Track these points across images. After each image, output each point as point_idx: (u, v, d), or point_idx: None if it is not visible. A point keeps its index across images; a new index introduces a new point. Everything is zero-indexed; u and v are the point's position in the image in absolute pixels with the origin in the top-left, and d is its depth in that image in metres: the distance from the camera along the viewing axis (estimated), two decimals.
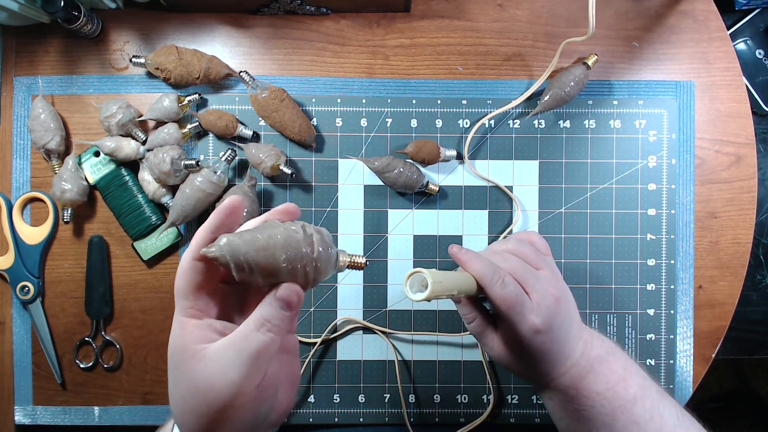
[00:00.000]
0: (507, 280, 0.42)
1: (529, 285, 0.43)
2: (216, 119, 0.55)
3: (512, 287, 0.42)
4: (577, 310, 0.46)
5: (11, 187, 0.58)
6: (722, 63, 0.58)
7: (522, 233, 0.48)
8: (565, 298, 0.44)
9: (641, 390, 0.42)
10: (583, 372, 0.43)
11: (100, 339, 0.58)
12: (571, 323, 0.44)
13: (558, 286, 0.44)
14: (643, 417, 0.42)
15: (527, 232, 0.48)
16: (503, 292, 0.41)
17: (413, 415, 0.58)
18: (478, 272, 0.42)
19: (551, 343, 0.42)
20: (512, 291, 0.41)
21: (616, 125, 0.58)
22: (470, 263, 0.43)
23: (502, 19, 0.59)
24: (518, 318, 0.42)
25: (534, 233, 0.48)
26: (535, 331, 0.42)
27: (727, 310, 0.59)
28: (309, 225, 0.33)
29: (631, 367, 0.44)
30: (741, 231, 0.58)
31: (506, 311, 0.42)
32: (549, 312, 0.42)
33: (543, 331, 0.42)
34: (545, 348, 0.43)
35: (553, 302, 0.42)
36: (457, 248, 0.45)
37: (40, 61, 0.58)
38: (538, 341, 0.42)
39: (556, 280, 0.44)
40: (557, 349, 0.43)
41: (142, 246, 0.57)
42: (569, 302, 0.45)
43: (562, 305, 0.43)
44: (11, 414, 0.58)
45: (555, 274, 0.45)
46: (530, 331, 0.42)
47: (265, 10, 0.57)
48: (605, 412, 0.42)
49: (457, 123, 0.58)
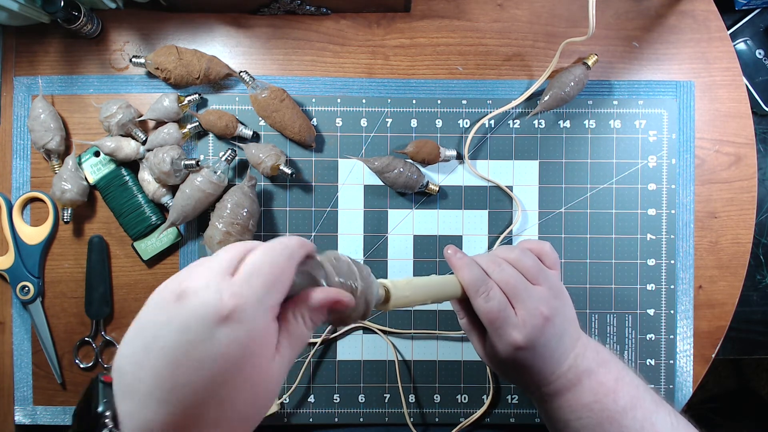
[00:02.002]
0: (492, 294, 0.42)
1: (519, 300, 0.42)
2: (216, 119, 0.55)
3: (496, 302, 0.41)
4: (576, 323, 0.45)
5: (11, 187, 0.58)
6: (722, 63, 0.58)
7: (535, 242, 0.47)
8: (558, 316, 0.43)
9: (633, 401, 0.42)
10: (569, 384, 0.43)
11: (100, 339, 0.58)
12: (561, 340, 0.43)
13: (551, 305, 0.42)
14: (632, 428, 0.41)
15: (541, 242, 0.46)
16: (486, 305, 0.42)
17: (413, 415, 0.58)
18: (466, 281, 0.42)
19: (533, 360, 0.42)
20: (495, 306, 0.41)
21: (616, 125, 0.58)
22: (461, 270, 0.43)
23: (502, 19, 0.59)
24: (499, 332, 0.42)
25: (548, 244, 0.46)
26: (515, 348, 0.42)
27: (727, 310, 0.59)
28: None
29: (624, 377, 0.43)
30: (741, 231, 0.58)
31: (487, 324, 0.42)
32: (534, 330, 0.41)
33: (525, 348, 0.41)
34: (527, 363, 0.42)
35: (540, 321, 0.41)
36: (452, 251, 0.44)
37: (40, 61, 0.58)
38: (519, 356, 0.42)
39: (552, 297, 0.43)
40: (540, 365, 0.42)
41: (142, 246, 0.57)
42: (564, 319, 0.43)
43: (551, 324, 0.42)
44: (11, 414, 0.58)
45: (553, 290, 0.43)
46: (510, 346, 0.42)
47: (265, 10, 0.57)
48: (592, 424, 0.42)
49: (457, 123, 0.58)
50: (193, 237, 0.58)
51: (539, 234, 0.58)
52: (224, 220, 0.52)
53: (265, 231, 0.58)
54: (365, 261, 0.58)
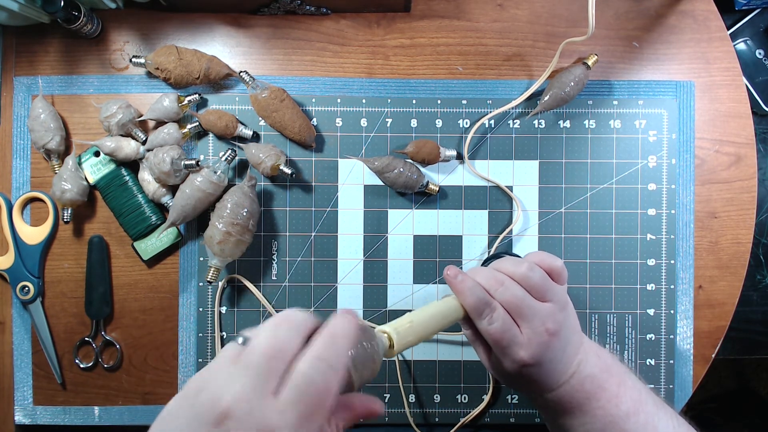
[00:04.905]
0: (495, 316, 0.41)
1: (524, 319, 0.42)
2: (216, 119, 0.55)
3: (500, 323, 0.41)
4: (578, 330, 0.44)
5: (11, 187, 0.58)
6: (722, 63, 0.58)
7: (546, 256, 0.45)
8: (563, 329, 0.42)
9: (635, 405, 0.42)
10: (572, 391, 0.43)
11: (100, 339, 0.58)
12: (565, 350, 0.43)
13: (557, 319, 0.42)
14: None
15: (552, 257, 0.44)
16: (490, 328, 0.41)
17: (413, 415, 0.58)
18: (468, 305, 0.42)
19: (539, 375, 0.42)
20: (499, 327, 0.41)
21: (616, 125, 0.58)
22: (462, 295, 0.42)
23: (502, 19, 0.59)
24: (505, 352, 0.42)
25: (559, 261, 0.44)
26: (522, 365, 0.42)
27: (727, 310, 0.59)
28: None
29: (626, 382, 0.43)
30: (741, 231, 0.58)
31: (493, 345, 0.42)
32: (540, 348, 0.41)
33: (531, 365, 0.41)
34: (533, 378, 0.42)
35: (546, 338, 0.41)
36: (452, 272, 0.43)
37: (40, 61, 0.58)
38: (524, 372, 0.42)
39: (558, 311, 0.42)
40: (546, 377, 0.43)
41: (142, 246, 0.57)
42: (569, 330, 0.43)
43: (556, 339, 0.42)
44: (11, 414, 0.58)
45: (559, 305, 0.43)
46: (516, 364, 0.42)
47: (265, 10, 0.57)
48: (594, 429, 0.42)
49: (457, 123, 0.58)
50: (193, 237, 0.58)
51: (539, 234, 0.58)
52: (224, 220, 0.52)
53: (265, 231, 0.58)
54: (365, 261, 0.58)
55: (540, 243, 0.58)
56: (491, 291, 0.42)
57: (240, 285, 0.58)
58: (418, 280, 0.58)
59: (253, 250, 0.58)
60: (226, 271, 0.58)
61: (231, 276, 0.58)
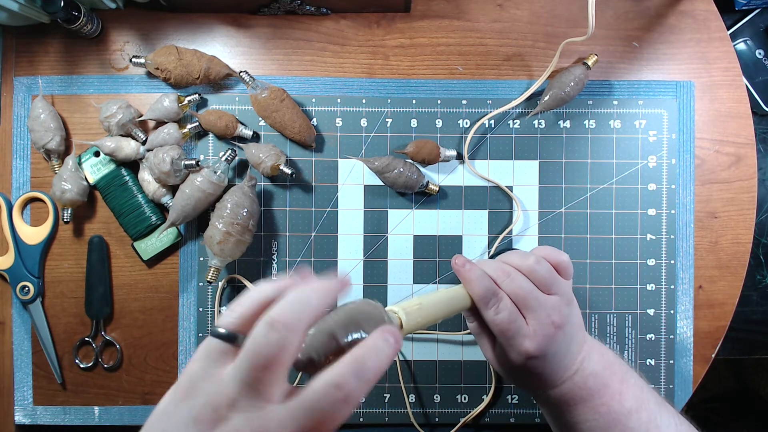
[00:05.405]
0: (502, 306, 0.42)
1: (530, 310, 0.42)
2: (216, 119, 0.55)
3: (506, 314, 0.41)
4: (582, 327, 0.45)
5: (11, 187, 0.58)
6: (722, 63, 0.58)
7: (552, 251, 0.45)
8: (568, 324, 0.43)
9: (637, 402, 0.42)
10: (576, 387, 0.43)
11: (100, 339, 0.58)
12: (570, 346, 0.43)
13: (563, 312, 0.42)
14: (638, 429, 0.41)
15: (558, 252, 0.45)
16: (496, 317, 0.42)
17: (413, 415, 0.58)
18: (475, 294, 0.42)
19: (543, 368, 0.42)
20: (506, 317, 0.41)
21: (616, 125, 0.58)
22: (470, 283, 0.43)
23: (502, 19, 0.59)
24: (511, 342, 0.42)
25: (566, 256, 0.45)
26: (527, 357, 0.42)
27: (727, 310, 0.59)
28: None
29: (629, 379, 0.43)
30: (741, 231, 0.58)
31: (498, 335, 0.42)
32: (545, 340, 0.41)
33: (536, 357, 0.42)
34: (537, 371, 0.43)
35: (551, 330, 0.42)
36: (461, 261, 0.44)
37: (40, 61, 0.58)
38: (529, 365, 0.42)
39: (564, 304, 0.43)
40: (549, 371, 0.43)
41: (142, 246, 0.57)
42: (573, 326, 0.44)
43: (561, 332, 0.42)
44: (11, 414, 0.58)
45: (565, 298, 0.43)
46: (521, 356, 0.42)
47: (265, 10, 0.57)
48: (598, 426, 0.42)
49: (457, 123, 0.58)
50: (193, 237, 0.58)
51: (539, 234, 0.58)
52: (224, 220, 0.52)
53: (265, 231, 0.58)
54: (365, 261, 0.58)
55: (540, 243, 0.58)
56: (498, 282, 0.43)
57: (240, 285, 0.58)
58: (418, 280, 0.58)
59: (253, 250, 0.58)
60: (226, 271, 0.58)
61: (231, 276, 0.58)
